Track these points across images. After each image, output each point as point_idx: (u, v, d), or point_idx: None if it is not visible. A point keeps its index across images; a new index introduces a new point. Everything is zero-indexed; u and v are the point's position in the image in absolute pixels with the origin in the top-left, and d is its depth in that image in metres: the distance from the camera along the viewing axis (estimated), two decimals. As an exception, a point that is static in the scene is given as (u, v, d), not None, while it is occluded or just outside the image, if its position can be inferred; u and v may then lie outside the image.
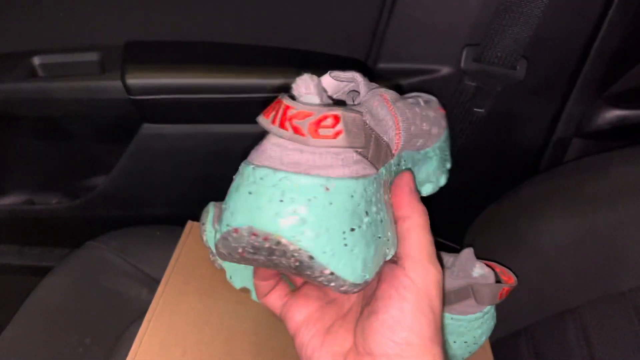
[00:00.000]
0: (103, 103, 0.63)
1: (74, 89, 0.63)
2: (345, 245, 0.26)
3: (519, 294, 0.45)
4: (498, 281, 0.43)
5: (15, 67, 0.65)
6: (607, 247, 0.48)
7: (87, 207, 0.76)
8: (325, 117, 0.25)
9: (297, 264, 0.26)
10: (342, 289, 0.26)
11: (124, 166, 0.69)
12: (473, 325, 0.43)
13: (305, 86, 0.28)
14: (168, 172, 0.70)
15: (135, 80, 0.60)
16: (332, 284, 0.26)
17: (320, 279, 0.26)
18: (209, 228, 0.47)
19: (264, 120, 0.27)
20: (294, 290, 0.36)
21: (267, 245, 0.25)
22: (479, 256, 0.43)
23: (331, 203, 0.25)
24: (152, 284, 0.59)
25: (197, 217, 0.51)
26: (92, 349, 0.53)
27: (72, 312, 0.56)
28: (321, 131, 0.25)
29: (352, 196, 0.26)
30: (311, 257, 0.25)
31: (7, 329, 0.55)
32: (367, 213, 0.27)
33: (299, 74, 0.62)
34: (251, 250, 0.26)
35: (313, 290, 0.35)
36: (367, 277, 0.27)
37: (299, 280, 0.37)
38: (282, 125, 0.25)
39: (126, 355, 0.42)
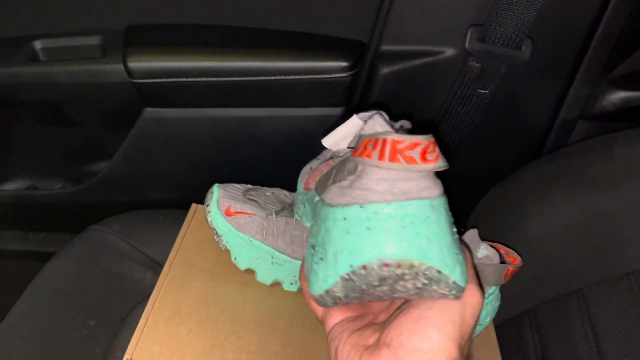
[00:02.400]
0: (105, 87, 0.63)
1: (75, 72, 0.63)
2: (456, 253, 0.28)
3: (522, 275, 0.45)
4: (503, 262, 0.43)
5: (17, 52, 0.65)
6: (611, 228, 0.48)
7: (90, 193, 0.76)
8: (430, 144, 0.28)
9: (425, 281, 0.28)
10: (455, 293, 0.29)
11: (126, 151, 0.69)
12: None
13: (380, 124, 0.32)
14: (170, 157, 0.70)
15: (137, 63, 0.60)
16: (453, 292, 0.28)
17: (443, 291, 0.28)
18: (214, 209, 0.47)
19: (366, 160, 0.28)
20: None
21: (398, 272, 0.27)
22: (483, 237, 0.43)
23: (439, 219, 0.28)
24: (156, 266, 0.59)
25: (200, 201, 0.51)
26: (97, 331, 0.53)
27: (76, 294, 0.56)
28: (428, 156, 0.28)
29: (447, 209, 0.29)
30: (439, 272, 0.27)
31: (12, 311, 0.55)
32: (453, 222, 0.30)
33: (301, 56, 0.61)
34: (376, 283, 0.28)
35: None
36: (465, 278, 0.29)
37: None
38: (392, 159, 0.27)
39: (130, 337, 0.42)
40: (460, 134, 0.63)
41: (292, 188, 0.50)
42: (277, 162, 0.70)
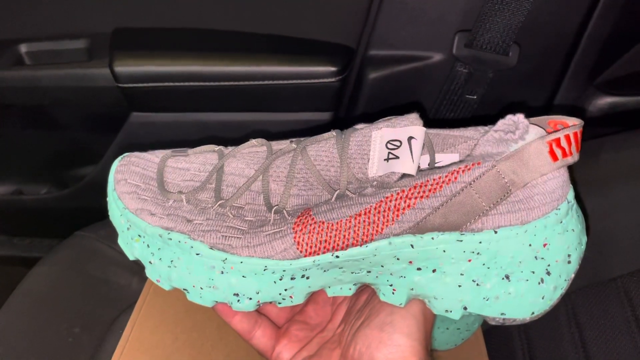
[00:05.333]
0: (91, 91, 0.63)
1: (61, 76, 0.63)
2: None
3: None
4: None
5: (1, 55, 0.64)
6: (598, 233, 0.48)
7: (76, 197, 0.75)
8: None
9: None
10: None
11: (113, 155, 0.68)
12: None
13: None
14: (158, 161, 0.69)
15: (124, 67, 0.59)
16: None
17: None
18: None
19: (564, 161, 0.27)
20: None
21: None
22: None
23: None
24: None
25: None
26: (82, 338, 0.53)
27: (61, 301, 0.55)
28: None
29: None
30: None
31: (-4, 319, 0.54)
32: None
33: (289, 60, 0.60)
34: None
35: (299, 328, 0.33)
36: None
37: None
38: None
39: (116, 344, 0.42)
40: (449, 139, 0.63)
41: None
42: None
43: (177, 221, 0.28)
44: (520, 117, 0.27)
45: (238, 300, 0.28)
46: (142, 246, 0.30)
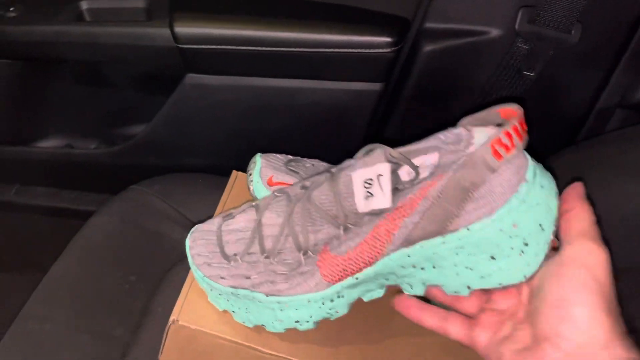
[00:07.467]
0: (149, 50, 0.64)
1: (120, 34, 0.64)
2: None
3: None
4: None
5: (63, 11, 0.66)
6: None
7: (125, 155, 0.77)
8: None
9: None
10: None
11: (166, 115, 0.70)
12: None
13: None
14: (209, 123, 0.71)
15: (184, 28, 0.60)
16: None
17: None
18: (257, 178, 0.48)
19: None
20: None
21: None
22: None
23: None
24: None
25: (236, 168, 0.52)
26: (137, 286, 0.55)
27: (117, 251, 0.58)
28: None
29: None
30: None
31: (57, 264, 0.57)
32: None
33: (344, 29, 0.60)
34: None
35: (490, 315, 0.35)
36: None
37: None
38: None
39: (169, 294, 0.44)
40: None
41: (327, 160, 0.50)
42: (314, 134, 0.70)
43: (239, 279, 0.37)
44: (461, 130, 0.33)
45: (300, 325, 0.37)
46: (224, 301, 0.39)
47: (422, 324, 0.36)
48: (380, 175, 0.32)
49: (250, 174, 0.49)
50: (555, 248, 0.32)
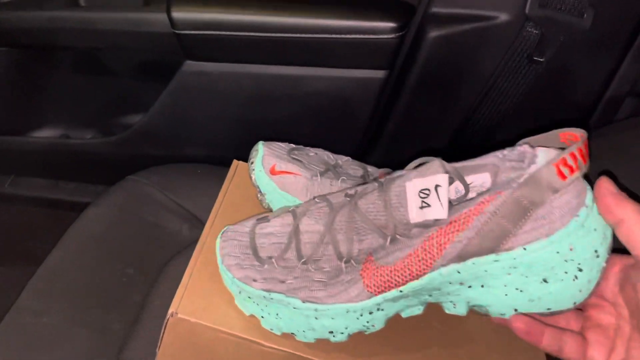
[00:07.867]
0: (146, 36, 0.63)
1: (116, 20, 0.63)
2: None
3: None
4: None
5: (56, -4, 0.64)
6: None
7: (122, 145, 0.76)
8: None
9: None
10: None
11: (164, 103, 0.68)
12: None
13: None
14: (208, 112, 0.69)
15: (181, 13, 0.59)
16: None
17: None
18: (259, 167, 0.47)
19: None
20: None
21: None
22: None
23: None
24: (193, 220, 0.60)
25: (236, 158, 0.51)
26: (135, 279, 0.54)
27: (114, 242, 0.57)
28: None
29: None
30: None
31: (51, 256, 0.56)
32: None
33: (346, 14, 0.58)
34: None
35: (595, 332, 0.34)
36: None
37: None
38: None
39: (168, 286, 0.43)
40: (506, 106, 0.61)
41: (330, 149, 0.49)
42: (316, 123, 0.69)
43: (273, 283, 0.35)
44: (526, 147, 0.32)
45: (333, 336, 0.35)
46: (253, 305, 0.37)
47: (538, 345, 0.35)
48: (439, 185, 0.32)
49: (252, 162, 0.48)
50: None
